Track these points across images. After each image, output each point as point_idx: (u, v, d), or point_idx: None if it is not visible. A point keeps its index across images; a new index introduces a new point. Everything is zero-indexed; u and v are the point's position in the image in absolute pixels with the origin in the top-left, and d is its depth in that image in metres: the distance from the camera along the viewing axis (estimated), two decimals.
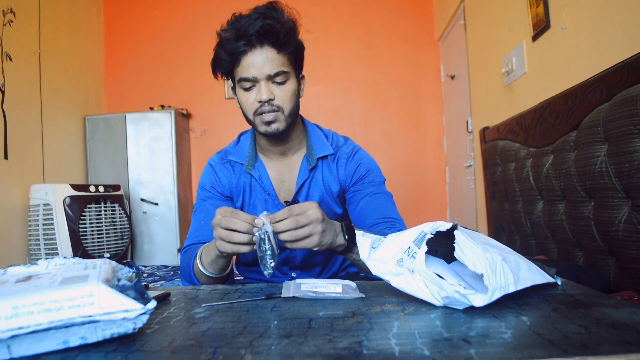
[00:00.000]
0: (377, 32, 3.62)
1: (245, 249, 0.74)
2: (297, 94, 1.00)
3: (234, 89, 1.02)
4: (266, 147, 1.06)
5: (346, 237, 0.81)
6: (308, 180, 1.06)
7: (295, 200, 1.06)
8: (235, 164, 1.08)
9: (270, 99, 0.94)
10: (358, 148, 1.11)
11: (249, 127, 1.11)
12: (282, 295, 0.65)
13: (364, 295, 0.65)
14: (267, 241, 0.70)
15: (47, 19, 2.98)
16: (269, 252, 0.70)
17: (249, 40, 0.91)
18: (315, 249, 0.76)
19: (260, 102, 0.94)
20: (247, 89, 0.96)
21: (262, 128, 0.97)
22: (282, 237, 0.73)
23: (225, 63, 0.96)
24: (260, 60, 0.92)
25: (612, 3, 1.29)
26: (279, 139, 1.03)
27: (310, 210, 0.74)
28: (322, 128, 1.13)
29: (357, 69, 3.64)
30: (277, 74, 0.94)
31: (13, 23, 2.65)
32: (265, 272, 0.71)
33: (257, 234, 0.71)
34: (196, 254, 0.90)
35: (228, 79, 1.02)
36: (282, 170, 1.07)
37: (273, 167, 1.07)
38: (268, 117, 0.95)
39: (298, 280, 0.72)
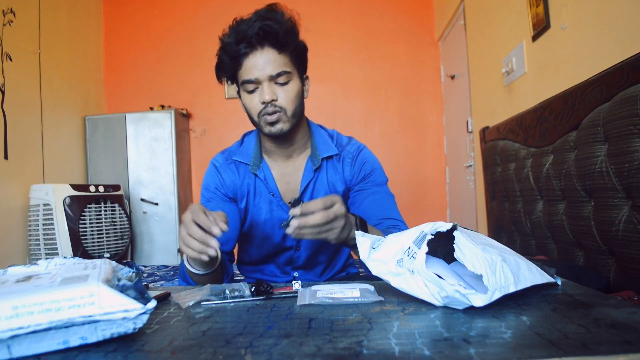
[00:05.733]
0: (377, 32, 3.62)
1: (194, 254, 0.74)
2: (301, 95, 1.00)
3: (238, 92, 1.02)
4: (271, 149, 1.06)
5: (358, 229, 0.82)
6: (312, 180, 1.06)
7: (299, 200, 1.06)
8: (240, 165, 1.08)
9: (273, 100, 0.94)
10: (362, 147, 1.11)
11: (251, 127, 1.11)
12: (298, 304, 0.62)
13: (383, 299, 0.63)
14: None
15: (47, 19, 2.98)
16: None
17: (249, 42, 0.91)
18: (332, 242, 0.77)
19: (263, 103, 0.94)
20: (251, 92, 0.96)
21: (267, 129, 0.97)
22: (306, 230, 0.73)
23: (228, 67, 0.96)
24: (262, 62, 0.92)
25: (612, 3, 1.29)
26: (284, 141, 1.02)
27: (337, 204, 0.74)
28: (326, 128, 1.13)
29: (357, 69, 3.64)
30: (279, 75, 0.93)
31: (13, 23, 2.65)
32: None
33: None
34: None
35: (233, 84, 1.02)
36: (287, 172, 1.07)
37: (277, 168, 1.07)
38: (271, 117, 0.95)
39: (313, 287, 0.70)
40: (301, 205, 0.72)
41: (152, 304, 0.48)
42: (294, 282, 0.73)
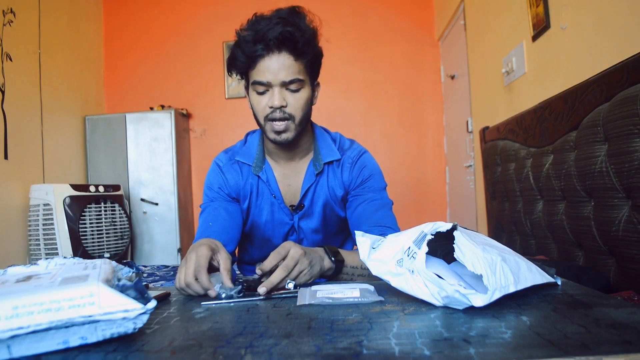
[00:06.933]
0: (377, 32, 3.62)
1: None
2: (310, 102, 0.99)
3: (247, 88, 1.00)
4: (274, 150, 1.05)
5: (332, 258, 0.83)
6: (313, 185, 1.06)
7: (301, 205, 1.06)
8: (243, 165, 1.07)
9: (282, 106, 0.93)
10: (364, 151, 1.10)
11: (250, 127, 1.10)
12: (298, 304, 0.62)
13: (383, 299, 0.63)
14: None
15: (47, 19, 2.98)
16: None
17: (267, 44, 0.89)
18: (311, 280, 0.79)
19: (272, 107, 0.93)
20: (260, 93, 0.94)
21: (272, 136, 0.96)
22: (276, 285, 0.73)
23: (241, 64, 0.94)
24: (277, 66, 0.90)
25: (612, 3, 1.29)
26: (288, 145, 1.02)
27: (291, 250, 0.76)
28: (329, 132, 1.13)
29: (357, 69, 3.64)
30: (291, 82, 0.92)
31: (13, 23, 2.64)
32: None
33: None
34: None
35: (242, 79, 1.00)
36: (289, 174, 1.07)
37: (280, 170, 1.07)
38: (279, 126, 0.94)
39: (313, 287, 0.70)
40: (258, 266, 0.75)
41: (152, 304, 0.48)
42: (287, 282, 0.73)
